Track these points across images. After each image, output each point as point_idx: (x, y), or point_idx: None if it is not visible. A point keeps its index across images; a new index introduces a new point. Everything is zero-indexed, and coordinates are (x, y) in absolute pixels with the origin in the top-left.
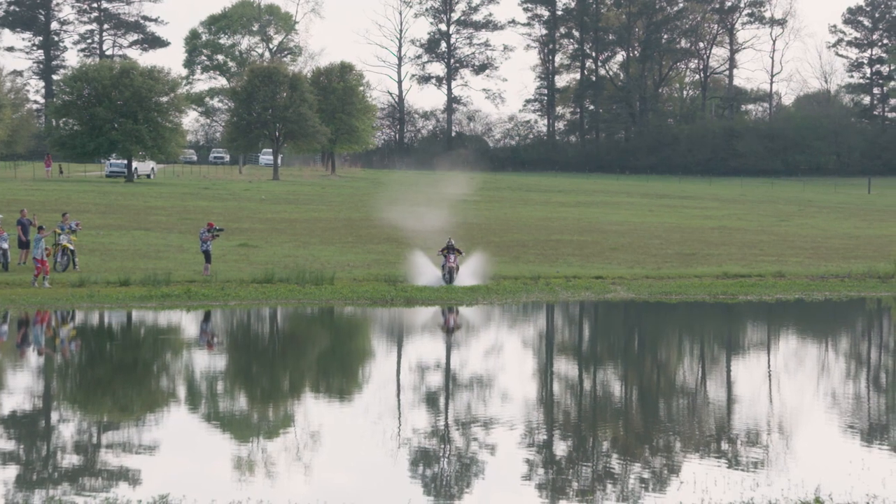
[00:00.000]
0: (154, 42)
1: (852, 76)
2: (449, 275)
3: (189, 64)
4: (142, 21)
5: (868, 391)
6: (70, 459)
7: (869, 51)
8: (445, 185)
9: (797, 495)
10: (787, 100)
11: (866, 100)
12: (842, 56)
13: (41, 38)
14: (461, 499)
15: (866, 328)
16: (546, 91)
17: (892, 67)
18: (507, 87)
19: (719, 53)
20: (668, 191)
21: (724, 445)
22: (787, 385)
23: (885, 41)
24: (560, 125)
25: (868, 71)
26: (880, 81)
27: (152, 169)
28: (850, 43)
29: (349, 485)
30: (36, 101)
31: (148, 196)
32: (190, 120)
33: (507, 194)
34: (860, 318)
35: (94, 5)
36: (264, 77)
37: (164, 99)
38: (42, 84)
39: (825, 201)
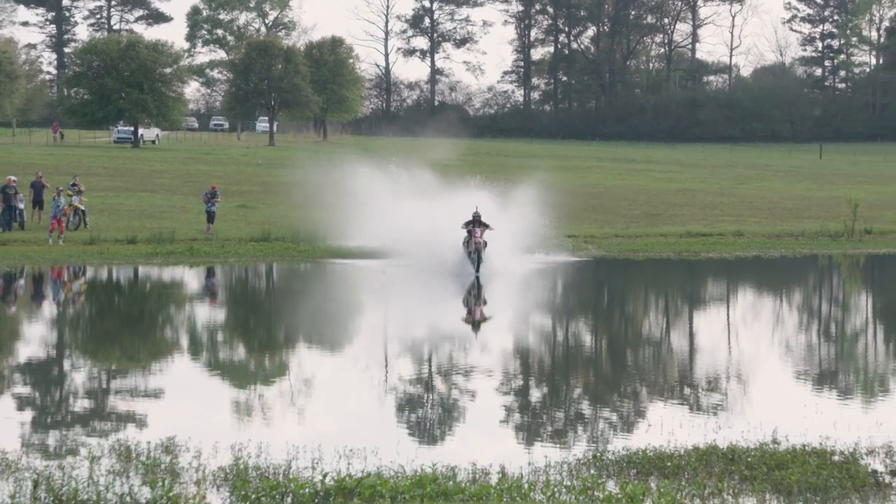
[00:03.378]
0: (158, 17)
1: (805, 50)
2: (476, 254)
3: (190, 38)
4: None
5: (819, 341)
6: (82, 404)
7: (821, 26)
8: (430, 150)
9: (756, 437)
10: (746, 72)
11: (818, 72)
12: (796, 31)
13: (53, 14)
14: (444, 440)
15: (818, 283)
16: (522, 63)
17: (842, 42)
18: (486, 60)
19: (683, 29)
20: (634, 156)
21: (688, 392)
22: (745, 335)
23: (836, 17)
24: (535, 95)
25: (820, 45)
26: (831, 55)
27: (157, 135)
28: (803, 19)
29: (342, 428)
30: (49, 73)
31: (153, 160)
32: (191, 90)
33: (486, 159)
34: (812, 274)
35: None
36: (261, 50)
37: (168, 70)
38: (54, 56)
39: (780, 166)
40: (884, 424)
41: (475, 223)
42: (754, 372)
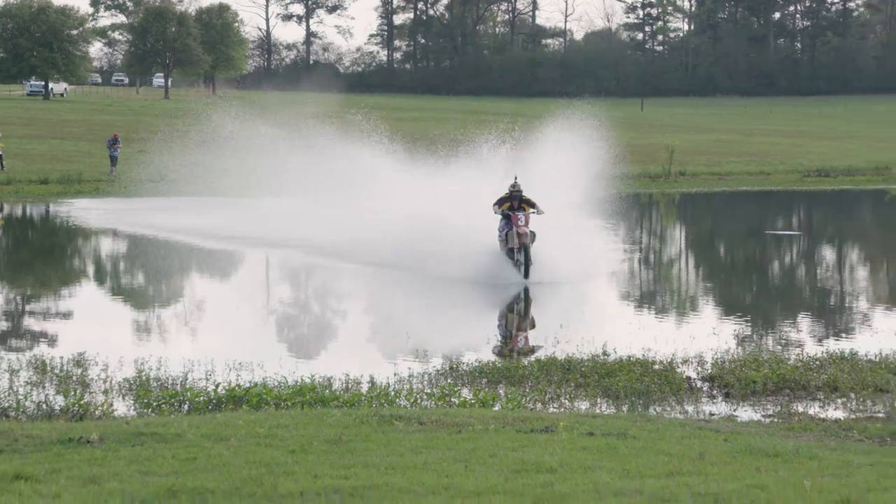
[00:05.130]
0: None
1: (628, 17)
2: (523, 255)
3: (95, 3)
4: None
5: (640, 266)
6: (0, 325)
7: None
8: (308, 103)
9: (588, 350)
10: (578, 36)
11: (640, 36)
12: (620, 0)
13: None
14: (321, 355)
15: (640, 217)
16: (386, 28)
17: (660, 10)
18: (354, 24)
19: None
20: (484, 108)
21: (533, 314)
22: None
23: None
24: (398, 55)
25: (641, 13)
26: (650, 21)
27: (65, 89)
28: None
29: (232, 345)
30: None
31: (62, 111)
32: (95, 49)
33: (354, 111)
34: (634, 209)
35: None
36: (157, 15)
37: (75, 32)
38: None
39: (608, 118)
40: (696, 338)
41: (514, 202)
42: (587, 295)
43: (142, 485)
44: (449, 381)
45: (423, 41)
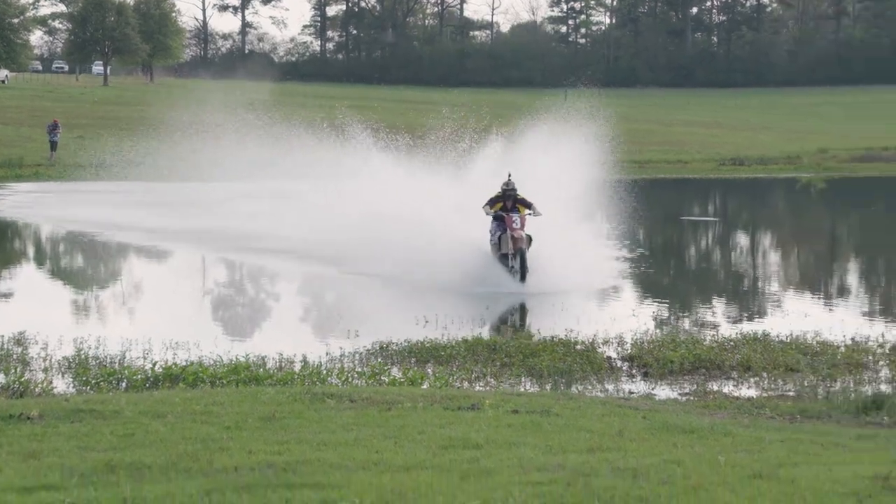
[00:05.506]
0: None
1: (553, 10)
2: (520, 262)
3: None
4: None
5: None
6: None
7: None
8: (244, 91)
9: (512, 331)
10: (504, 28)
11: (563, 29)
12: None
13: None
14: (254, 335)
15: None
16: (319, 19)
17: (583, 4)
18: (288, 15)
19: None
20: (414, 98)
21: (459, 296)
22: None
23: None
24: (330, 45)
25: (565, 6)
26: (574, 15)
27: (6, 76)
28: None
29: (169, 325)
30: None
31: (3, 98)
32: (36, 37)
33: (289, 99)
34: None
35: None
36: (96, 5)
37: (16, 21)
38: None
39: (533, 107)
40: (616, 320)
41: (508, 202)
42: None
43: (80, 459)
44: (379, 360)
45: (354, 32)
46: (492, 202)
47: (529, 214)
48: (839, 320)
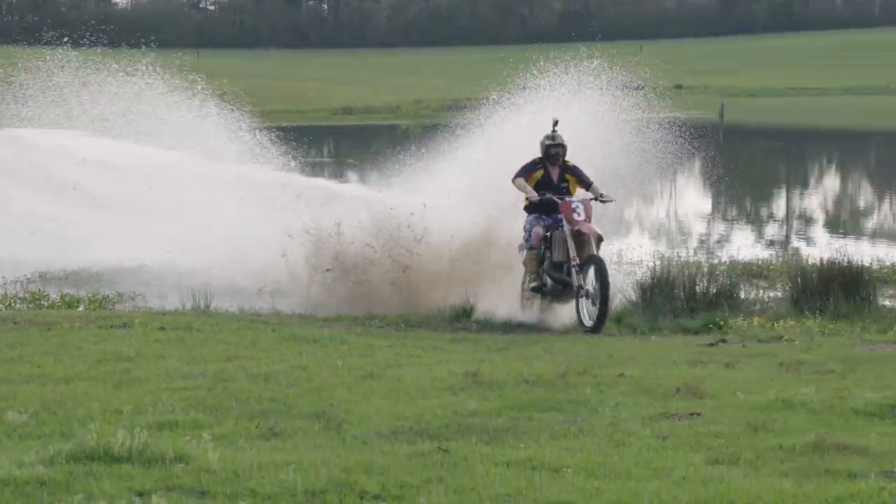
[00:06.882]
0: None
1: None
2: (593, 278)
3: None
4: None
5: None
6: None
7: None
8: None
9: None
10: None
11: None
12: None
13: None
14: None
15: None
16: None
17: None
18: None
19: None
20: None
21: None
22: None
23: None
24: None
25: None
26: None
27: None
28: None
29: None
30: None
31: None
32: None
33: None
34: None
35: None
36: None
37: None
38: None
39: (170, 67)
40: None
41: (554, 172)
42: None
43: None
44: (39, 287)
45: None
46: (526, 171)
47: (595, 199)
48: None
